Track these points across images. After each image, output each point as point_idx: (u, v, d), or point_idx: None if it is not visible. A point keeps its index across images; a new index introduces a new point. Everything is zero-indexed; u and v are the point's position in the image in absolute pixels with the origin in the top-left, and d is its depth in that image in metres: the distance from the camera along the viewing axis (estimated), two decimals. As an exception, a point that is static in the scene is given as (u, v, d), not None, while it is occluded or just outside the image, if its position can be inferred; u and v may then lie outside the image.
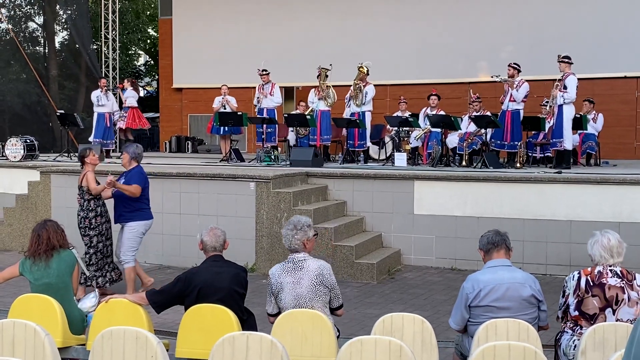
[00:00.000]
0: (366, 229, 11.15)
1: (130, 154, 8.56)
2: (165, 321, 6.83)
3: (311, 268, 5.02)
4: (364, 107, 14.15)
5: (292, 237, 5.09)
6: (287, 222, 5.24)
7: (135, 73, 31.63)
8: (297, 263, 5.05)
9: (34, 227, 5.90)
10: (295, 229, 5.10)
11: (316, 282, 4.98)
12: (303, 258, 5.07)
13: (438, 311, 8.04)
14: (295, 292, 4.98)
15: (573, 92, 11.71)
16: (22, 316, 4.69)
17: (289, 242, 5.10)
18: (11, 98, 22.36)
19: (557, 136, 11.95)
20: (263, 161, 13.26)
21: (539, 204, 10.34)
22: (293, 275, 5.02)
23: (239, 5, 20.05)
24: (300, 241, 5.08)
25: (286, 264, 5.10)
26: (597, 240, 4.84)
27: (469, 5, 17.79)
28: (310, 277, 4.99)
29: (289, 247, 5.12)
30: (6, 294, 7.89)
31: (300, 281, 4.99)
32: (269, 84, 14.62)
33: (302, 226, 5.12)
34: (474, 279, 4.82)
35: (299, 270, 5.02)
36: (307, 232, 5.12)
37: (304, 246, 5.09)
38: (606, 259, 4.78)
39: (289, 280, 5.01)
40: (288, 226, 5.14)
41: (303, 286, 4.97)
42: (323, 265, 5.07)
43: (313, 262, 5.07)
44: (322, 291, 5.00)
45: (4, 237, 12.14)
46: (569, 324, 4.90)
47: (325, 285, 5.01)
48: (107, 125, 15.57)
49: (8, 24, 22.80)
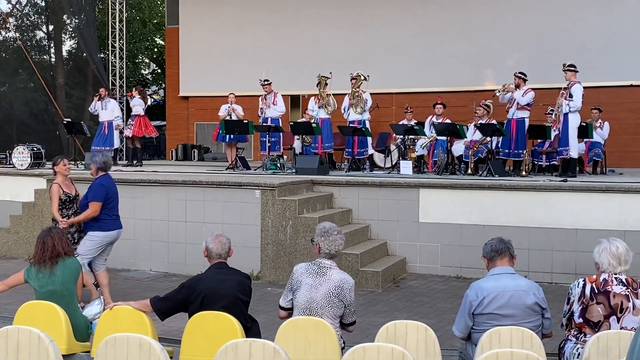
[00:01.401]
0: (371, 237, 11.14)
1: (96, 164, 8.34)
2: (169, 328, 6.83)
3: (333, 278, 5.01)
4: (365, 114, 14.16)
5: (341, 240, 5.10)
6: (321, 228, 5.15)
7: (142, 81, 31.71)
8: (322, 269, 5.04)
9: (39, 235, 5.93)
10: (339, 233, 5.12)
11: (333, 294, 4.96)
12: (329, 266, 5.06)
13: (443, 319, 8.02)
14: (310, 295, 4.97)
15: (579, 100, 11.70)
16: (27, 323, 4.70)
17: (338, 245, 5.08)
18: (18, 106, 22.47)
19: (563, 144, 11.94)
20: (269, 169, 13.27)
21: (544, 212, 10.32)
22: (314, 278, 5.01)
23: (245, 14, 20.12)
24: (342, 247, 5.11)
25: (311, 265, 5.09)
26: (605, 247, 4.83)
27: (474, 14, 17.80)
28: (330, 286, 4.97)
29: (335, 252, 5.08)
30: (11, 301, 7.90)
31: (318, 286, 4.98)
32: (272, 93, 14.65)
33: (341, 230, 5.18)
34: (478, 287, 4.82)
35: (321, 275, 5.01)
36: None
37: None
38: (614, 266, 4.78)
39: (308, 282, 5.01)
40: (333, 232, 5.09)
41: (319, 292, 4.96)
42: (346, 280, 5.04)
43: (337, 274, 5.05)
44: (336, 304, 4.98)
45: (11, 245, 12.18)
46: (573, 331, 4.89)
47: (342, 299, 4.98)
48: (105, 133, 15.61)
49: (16, 32, 22.93)
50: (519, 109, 12.52)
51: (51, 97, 21.08)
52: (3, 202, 13.17)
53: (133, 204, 11.10)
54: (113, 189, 8.36)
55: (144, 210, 11.19)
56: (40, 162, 13.87)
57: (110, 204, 8.28)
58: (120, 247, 11.00)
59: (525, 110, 12.53)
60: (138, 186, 11.38)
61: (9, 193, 13.25)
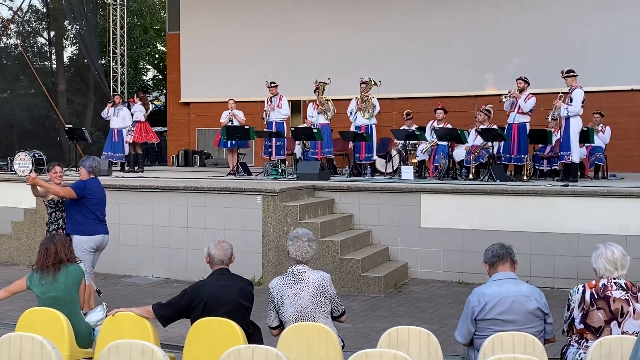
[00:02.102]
0: (373, 242, 11.14)
1: (86, 167, 8.31)
2: (172, 334, 6.83)
3: (311, 279, 5.05)
4: (373, 119, 14.20)
5: (309, 247, 5.12)
6: (292, 233, 5.22)
7: (143, 87, 31.78)
8: (297, 275, 5.08)
9: (42, 241, 5.94)
10: (309, 240, 5.14)
11: (317, 293, 5.01)
12: (303, 270, 5.11)
13: (445, 325, 8.02)
14: (296, 305, 5.00)
15: (578, 105, 11.70)
16: (30, 330, 4.71)
17: (305, 252, 5.11)
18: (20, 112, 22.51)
19: (564, 149, 11.95)
20: (270, 175, 13.28)
21: (546, 217, 10.33)
22: (293, 287, 5.04)
23: (246, 20, 20.16)
24: (314, 252, 5.16)
25: (286, 277, 5.12)
26: (601, 253, 4.84)
27: (475, 19, 17.83)
28: (311, 288, 5.01)
29: (302, 258, 5.11)
30: (14, 308, 7.91)
31: (300, 293, 5.01)
32: (277, 96, 14.66)
33: (313, 238, 5.20)
34: (480, 293, 4.82)
35: (299, 282, 5.05)
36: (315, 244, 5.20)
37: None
38: (610, 271, 4.78)
39: (289, 293, 5.03)
40: (302, 238, 5.13)
41: (304, 298, 5.00)
42: (323, 276, 5.11)
43: (313, 274, 5.10)
44: (324, 302, 5.04)
45: (12, 251, 12.19)
46: (574, 337, 4.89)
47: (326, 295, 5.05)
48: (114, 140, 15.64)
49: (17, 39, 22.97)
50: (520, 114, 12.55)
51: (52, 104, 21.12)
52: (5, 208, 13.18)
53: (134, 210, 11.11)
54: (98, 193, 8.27)
55: (145, 216, 11.20)
56: (41, 168, 13.87)
57: (92, 207, 8.16)
58: (121, 253, 11.08)
59: (526, 115, 12.57)
60: (139, 192, 11.40)
61: (11, 200, 13.25)
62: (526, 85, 12.65)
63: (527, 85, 12.67)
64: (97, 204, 8.24)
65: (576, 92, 11.75)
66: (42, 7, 26.47)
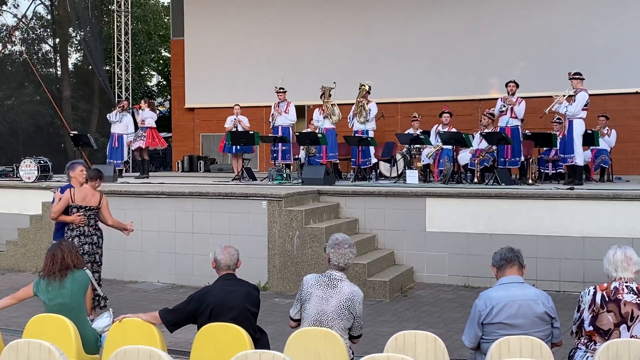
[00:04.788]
0: (378, 247, 11.14)
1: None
2: (178, 340, 6.83)
3: (344, 291, 5.00)
4: (368, 124, 14.19)
5: (350, 253, 5.09)
6: (333, 239, 5.16)
7: (147, 93, 31.85)
8: (333, 281, 5.04)
9: (49, 247, 5.95)
10: (350, 247, 5.11)
11: (344, 306, 4.95)
12: (340, 278, 5.06)
13: (451, 329, 8.00)
14: (320, 307, 4.97)
15: (579, 107, 11.71)
16: (37, 336, 4.71)
17: (347, 259, 5.08)
18: (25, 119, 22.57)
19: (568, 152, 11.95)
20: (275, 180, 13.29)
21: (552, 221, 10.30)
22: (324, 290, 5.01)
23: (250, 26, 20.20)
24: (355, 257, 5.12)
25: (322, 277, 5.09)
26: (614, 254, 4.83)
27: (480, 23, 17.84)
28: (340, 299, 4.96)
29: (344, 264, 5.08)
30: (20, 314, 7.92)
31: (328, 299, 4.97)
32: (285, 102, 14.68)
33: (353, 243, 5.17)
34: (487, 296, 4.81)
35: (331, 288, 5.01)
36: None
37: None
38: (625, 268, 4.76)
39: (318, 294, 5.00)
40: (343, 245, 5.09)
41: (330, 304, 4.96)
42: (356, 292, 5.02)
43: (347, 286, 5.04)
44: (347, 316, 4.97)
45: (18, 258, 12.21)
46: (583, 339, 4.88)
47: (351, 311, 4.98)
48: (114, 146, 15.68)
49: (22, 46, 23.05)
50: (512, 118, 12.64)
51: (57, 110, 21.17)
52: (11, 215, 13.21)
53: (140, 216, 11.11)
54: None
55: (151, 221, 11.21)
56: (47, 175, 13.90)
57: None
58: (127, 259, 11.10)
59: (518, 118, 12.79)
60: (145, 198, 11.41)
61: (17, 206, 13.29)
62: (516, 87, 12.75)
63: (517, 88, 12.76)
64: None
65: (580, 94, 11.75)
66: (46, 14, 26.59)
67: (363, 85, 14.21)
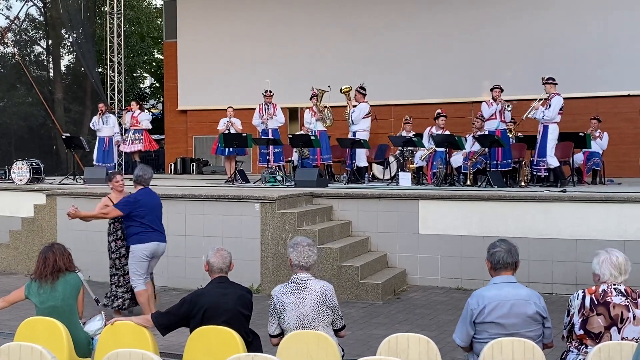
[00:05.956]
0: (371, 249, 11.14)
1: (133, 177, 8.54)
2: (171, 343, 6.82)
3: (315, 288, 5.05)
4: (356, 126, 14.14)
5: (310, 252, 5.13)
6: (292, 241, 5.24)
7: (140, 95, 31.80)
8: (301, 283, 5.08)
9: (41, 250, 5.93)
10: (309, 245, 5.15)
11: (320, 302, 5.01)
12: (306, 278, 5.11)
13: (444, 331, 8.01)
14: (298, 312, 4.99)
15: (554, 112, 11.97)
16: (28, 339, 4.70)
17: (307, 257, 5.11)
18: (16, 121, 22.51)
19: (541, 155, 12.15)
20: (268, 182, 13.28)
21: (544, 223, 10.33)
22: (296, 295, 5.04)
23: (243, 28, 20.19)
24: (316, 256, 5.16)
25: (289, 284, 5.12)
26: (605, 258, 4.83)
27: (473, 25, 17.86)
28: (314, 297, 5.01)
29: (305, 263, 5.11)
30: (12, 317, 7.89)
31: (303, 301, 5.01)
32: (271, 104, 14.72)
33: (312, 243, 5.21)
34: (479, 295, 4.83)
35: (302, 290, 5.05)
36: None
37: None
38: (615, 276, 4.78)
39: (292, 300, 5.03)
40: (302, 243, 5.15)
41: (307, 306, 4.99)
42: (326, 286, 5.11)
43: (316, 283, 5.10)
44: (326, 311, 5.03)
45: (10, 260, 12.17)
46: (574, 343, 4.89)
47: (329, 305, 5.05)
48: (105, 149, 15.66)
49: (14, 47, 22.99)
50: (502, 121, 12.83)
51: (49, 112, 21.12)
52: (2, 217, 13.19)
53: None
54: (146, 203, 8.41)
55: (143, 224, 11.15)
56: (39, 177, 13.88)
57: (146, 217, 8.35)
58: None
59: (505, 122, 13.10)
60: (137, 200, 11.36)
61: (8, 209, 13.26)
62: (501, 92, 13.02)
63: (502, 92, 13.04)
64: (148, 214, 8.37)
65: (555, 99, 11.99)
66: (39, 15, 26.54)
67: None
